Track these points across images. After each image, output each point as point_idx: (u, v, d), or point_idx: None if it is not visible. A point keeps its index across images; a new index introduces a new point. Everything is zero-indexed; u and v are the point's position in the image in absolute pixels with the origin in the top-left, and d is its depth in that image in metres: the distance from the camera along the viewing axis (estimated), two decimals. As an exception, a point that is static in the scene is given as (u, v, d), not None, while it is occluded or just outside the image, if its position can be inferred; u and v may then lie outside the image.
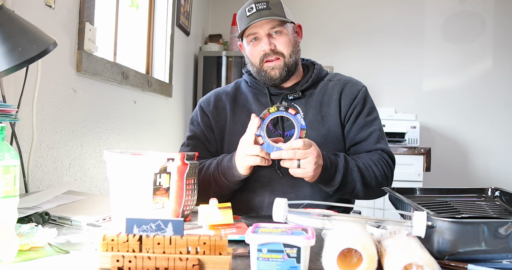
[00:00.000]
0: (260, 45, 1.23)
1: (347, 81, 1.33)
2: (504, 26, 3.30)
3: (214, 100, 1.35)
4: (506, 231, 0.66)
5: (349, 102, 1.28)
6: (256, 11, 1.19)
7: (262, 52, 1.23)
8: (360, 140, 1.26)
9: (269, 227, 0.66)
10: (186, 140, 1.33)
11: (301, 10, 3.50)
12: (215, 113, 1.32)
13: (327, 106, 1.28)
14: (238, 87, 1.38)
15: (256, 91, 1.33)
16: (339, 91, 1.30)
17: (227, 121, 1.31)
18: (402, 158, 2.81)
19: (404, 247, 0.61)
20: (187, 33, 2.95)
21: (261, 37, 1.22)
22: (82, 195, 1.16)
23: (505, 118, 3.31)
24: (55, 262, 0.67)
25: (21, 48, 0.88)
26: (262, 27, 1.21)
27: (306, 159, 1.04)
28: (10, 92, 1.21)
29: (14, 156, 0.67)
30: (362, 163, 1.18)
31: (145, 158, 0.89)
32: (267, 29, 1.21)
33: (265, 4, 1.20)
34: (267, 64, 1.24)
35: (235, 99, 1.34)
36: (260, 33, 1.22)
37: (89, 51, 1.59)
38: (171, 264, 0.61)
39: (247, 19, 1.20)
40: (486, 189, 0.97)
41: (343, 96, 1.29)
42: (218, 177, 1.17)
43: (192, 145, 1.31)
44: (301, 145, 1.02)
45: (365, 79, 3.39)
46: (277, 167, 1.22)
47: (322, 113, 1.27)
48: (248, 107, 1.31)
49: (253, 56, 1.26)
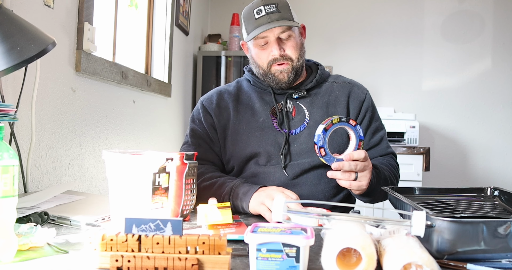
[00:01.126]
0: (269, 49, 1.23)
1: (352, 84, 1.35)
2: (503, 26, 3.31)
3: (217, 99, 1.34)
4: (505, 230, 0.66)
5: (358, 105, 1.30)
6: (265, 14, 1.18)
7: (272, 57, 1.23)
8: (374, 144, 1.31)
9: (268, 226, 0.66)
10: (189, 138, 1.31)
11: (301, 9, 3.50)
12: (218, 112, 1.31)
13: (333, 107, 1.29)
14: (240, 86, 1.37)
15: (259, 89, 1.33)
16: (346, 93, 1.31)
17: (230, 120, 1.30)
18: (401, 158, 2.79)
19: (403, 246, 0.61)
20: (186, 33, 2.95)
21: (271, 41, 1.22)
22: (81, 195, 1.16)
23: (504, 118, 3.31)
24: (54, 262, 0.67)
25: (20, 47, 0.88)
26: (272, 31, 1.20)
27: (363, 172, 1.04)
28: (9, 92, 1.21)
29: (13, 156, 0.66)
30: (388, 172, 1.21)
31: (144, 158, 0.89)
32: (277, 33, 1.21)
33: (274, 7, 1.18)
34: (275, 67, 1.24)
35: (237, 98, 1.33)
36: (269, 37, 1.21)
37: (88, 51, 1.59)
38: (170, 264, 0.61)
39: (255, 22, 1.19)
40: (485, 189, 0.97)
41: (351, 99, 1.31)
42: (226, 199, 1.14)
43: (196, 144, 1.29)
44: (362, 157, 1.02)
45: (365, 79, 3.42)
46: (283, 166, 1.23)
47: (329, 114, 1.28)
48: (252, 106, 1.31)
49: (261, 59, 1.26)
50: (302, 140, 1.25)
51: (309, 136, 1.24)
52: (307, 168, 1.24)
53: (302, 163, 1.24)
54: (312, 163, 1.23)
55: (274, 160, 1.25)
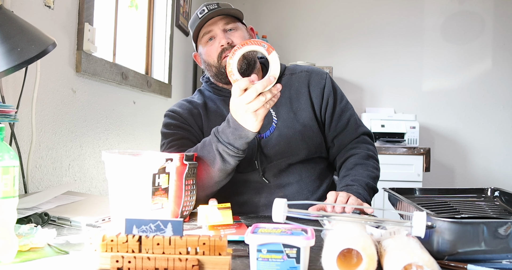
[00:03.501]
0: (216, 42, 1.20)
1: (310, 72, 1.32)
2: (504, 26, 3.31)
3: (187, 107, 1.28)
4: (505, 231, 0.66)
5: (320, 92, 1.28)
6: (208, 12, 1.18)
7: (220, 48, 1.19)
8: (342, 128, 1.28)
9: (268, 227, 0.66)
10: (166, 131, 1.24)
11: (300, 10, 3.51)
12: (192, 119, 1.26)
13: (297, 100, 1.27)
14: (204, 95, 1.33)
15: (223, 97, 1.29)
16: (305, 83, 1.29)
17: (203, 127, 1.27)
18: (401, 158, 2.81)
19: (404, 247, 0.61)
20: (187, 33, 2.95)
21: (217, 34, 1.21)
22: (81, 196, 1.16)
23: (504, 118, 3.31)
24: (55, 263, 0.67)
25: (20, 48, 0.88)
26: (217, 24, 1.20)
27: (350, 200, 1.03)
28: (9, 93, 1.21)
29: (13, 156, 0.66)
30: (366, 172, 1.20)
31: (144, 159, 0.89)
32: (222, 25, 1.20)
33: (215, 4, 1.20)
34: (225, 60, 1.19)
35: (205, 106, 1.29)
36: (215, 30, 1.20)
37: (88, 51, 1.59)
38: (170, 265, 0.61)
39: (199, 20, 1.20)
40: (486, 189, 0.97)
41: (311, 88, 1.28)
42: (223, 150, 1.02)
43: (175, 134, 1.22)
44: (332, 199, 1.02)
45: (365, 80, 3.42)
46: (261, 175, 1.22)
47: (293, 109, 1.26)
48: (220, 113, 1.27)
49: (210, 56, 1.22)
50: (274, 142, 1.22)
51: (280, 137, 1.22)
52: (284, 167, 1.22)
53: (278, 164, 1.22)
54: (288, 161, 1.22)
55: (250, 166, 1.21)
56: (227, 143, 1.02)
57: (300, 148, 1.23)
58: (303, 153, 1.23)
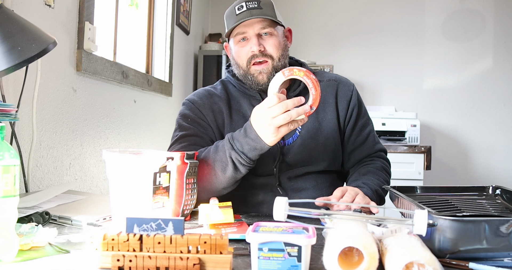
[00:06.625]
0: (248, 46, 1.16)
1: (338, 81, 1.28)
2: (504, 24, 3.30)
3: (208, 102, 1.24)
4: (507, 229, 0.66)
5: (346, 104, 1.25)
6: (246, 10, 1.13)
7: (251, 53, 1.15)
8: (360, 143, 1.27)
9: (269, 226, 0.66)
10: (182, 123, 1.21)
11: (301, 8, 3.50)
12: (212, 115, 1.22)
13: (323, 111, 1.23)
14: (227, 90, 1.28)
15: (247, 95, 1.25)
16: (333, 93, 1.25)
17: (225, 125, 1.23)
18: (402, 157, 2.80)
19: (405, 245, 0.61)
20: (187, 32, 2.94)
21: (250, 37, 1.16)
22: (82, 195, 1.16)
23: (505, 116, 3.30)
24: (56, 262, 0.67)
25: (21, 47, 0.88)
26: (252, 27, 1.14)
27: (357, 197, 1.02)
28: (10, 92, 1.21)
29: (14, 155, 0.66)
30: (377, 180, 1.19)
31: (144, 158, 0.88)
32: (257, 29, 1.15)
33: (256, 3, 1.14)
34: (254, 67, 1.17)
35: (229, 103, 1.25)
36: (249, 32, 1.15)
37: (88, 50, 1.59)
38: (171, 264, 0.61)
39: (236, 17, 1.14)
40: (487, 187, 0.97)
41: (339, 99, 1.25)
42: (236, 158, 1.01)
43: (190, 128, 1.19)
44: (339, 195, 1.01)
45: (365, 78, 3.42)
46: (277, 184, 1.19)
47: (319, 119, 1.23)
48: (243, 113, 1.23)
49: (240, 58, 1.18)
50: (296, 151, 1.20)
51: (302, 146, 1.20)
52: (301, 174, 1.21)
53: (296, 171, 1.20)
54: (306, 170, 1.21)
55: (267, 170, 1.19)
56: (241, 152, 1.00)
57: (321, 159, 1.21)
58: (323, 165, 1.22)
